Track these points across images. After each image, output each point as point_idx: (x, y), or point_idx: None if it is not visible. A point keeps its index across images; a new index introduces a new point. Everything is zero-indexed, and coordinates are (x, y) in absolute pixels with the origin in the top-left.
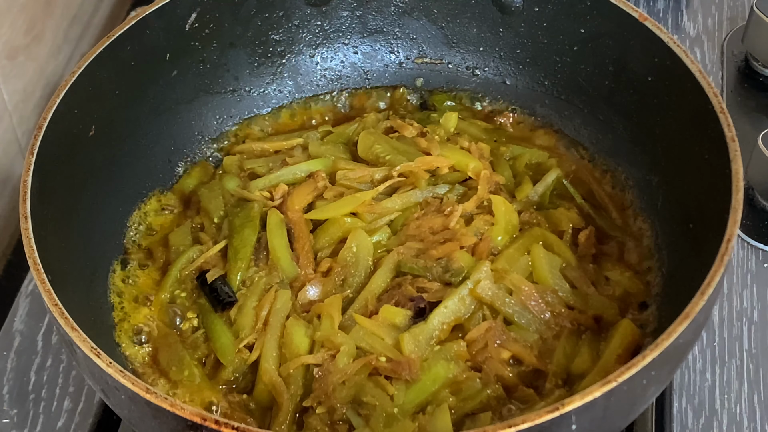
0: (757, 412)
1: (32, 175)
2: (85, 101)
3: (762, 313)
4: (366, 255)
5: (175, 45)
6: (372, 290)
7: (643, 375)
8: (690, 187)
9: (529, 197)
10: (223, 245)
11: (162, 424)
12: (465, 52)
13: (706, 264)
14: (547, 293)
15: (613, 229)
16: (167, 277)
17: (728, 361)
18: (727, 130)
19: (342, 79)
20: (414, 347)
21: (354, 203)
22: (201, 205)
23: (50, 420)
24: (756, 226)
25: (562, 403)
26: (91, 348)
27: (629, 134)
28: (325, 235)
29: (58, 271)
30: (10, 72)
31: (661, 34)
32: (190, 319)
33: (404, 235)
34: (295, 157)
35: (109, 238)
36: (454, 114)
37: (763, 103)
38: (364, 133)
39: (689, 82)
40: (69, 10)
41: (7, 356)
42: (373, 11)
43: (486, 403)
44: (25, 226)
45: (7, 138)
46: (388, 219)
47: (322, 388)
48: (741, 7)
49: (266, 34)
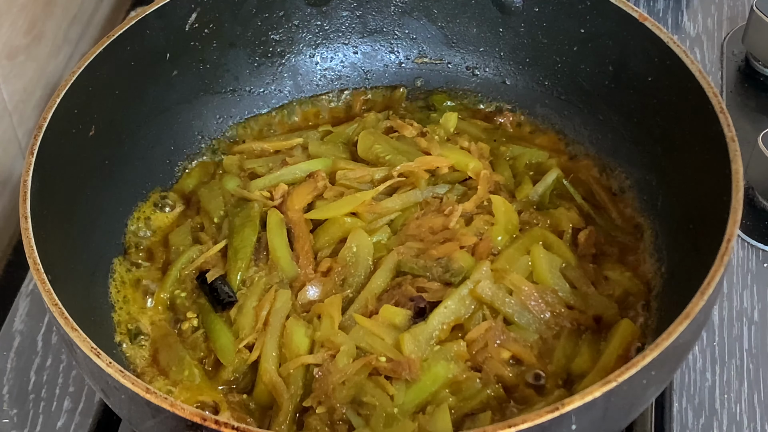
0: (757, 412)
1: (32, 175)
2: (85, 101)
3: (762, 313)
4: (366, 255)
5: (175, 45)
6: (372, 290)
7: (643, 375)
8: (690, 187)
9: (529, 197)
10: (223, 245)
11: (162, 424)
12: (465, 52)
13: (706, 264)
14: (547, 293)
15: (613, 229)
16: (167, 277)
17: (728, 361)
18: (727, 130)
19: (342, 79)
20: (414, 347)
21: (354, 203)
22: (201, 205)
23: (50, 420)
24: (756, 226)
25: (562, 403)
26: (91, 348)
27: (629, 134)
28: (325, 235)
29: (58, 271)
30: (10, 72)
31: (661, 34)
32: (190, 319)
33: (404, 235)
34: (295, 157)
35: (109, 238)
36: (454, 114)
37: (763, 103)
38: (364, 133)
39: (689, 82)
40: (69, 10)
41: (7, 356)
42: (373, 11)
43: (486, 403)
44: (25, 226)
45: (7, 138)
46: (388, 219)
47: (322, 388)
48: (741, 6)
49: (266, 34)
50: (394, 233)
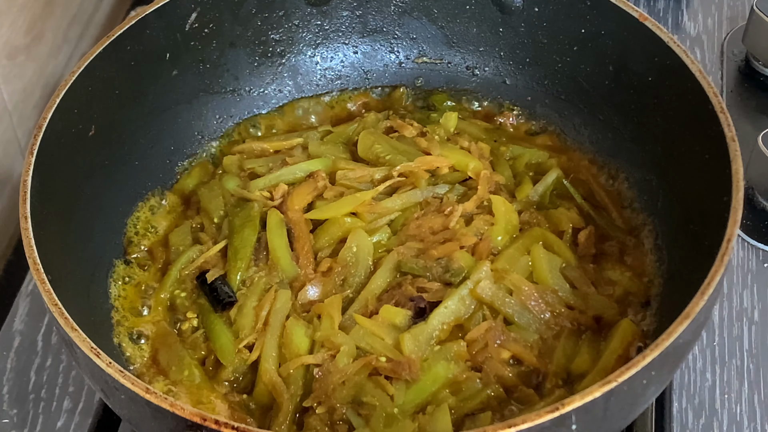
0: (758, 412)
1: (32, 175)
2: (85, 101)
3: (762, 313)
4: (366, 255)
5: (175, 45)
6: (372, 290)
7: (643, 375)
8: (690, 187)
9: (529, 197)
10: (223, 245)
11: (162, 424)
12: (465, 52)
13: (706, 264)
14: (547, 293)
15: (613, 229)
16: (167, 277)
17: (728, 361)
18: (727, 130)
19: (342, 79)
20: (414, 347)
21: (354, 203)
22: (201, 205)
23: (50, 420)
24: (756, 226)
25: (562, 403)
26: (91, 348)
27: (629, 134)
28: (325, 235)
29: (58, 271)
30: (10, 72)
31: (661, 33)
32: (190, 319)
33: (404, 235)
34: (295, 157)
35: (109, 238)
36: (454, 114)
37: (763, 103)
38: (364, 133)
39: (689, 82)
40: (69, 9)
41: (7, 356)
42: (373, 11)
43: (486, 403)
44: (25, 226)
45: (7, 138)
46: (388, 219)
47: (322, 388)
48: (741, 6)
49: (266, 34)
50: (394, 233)
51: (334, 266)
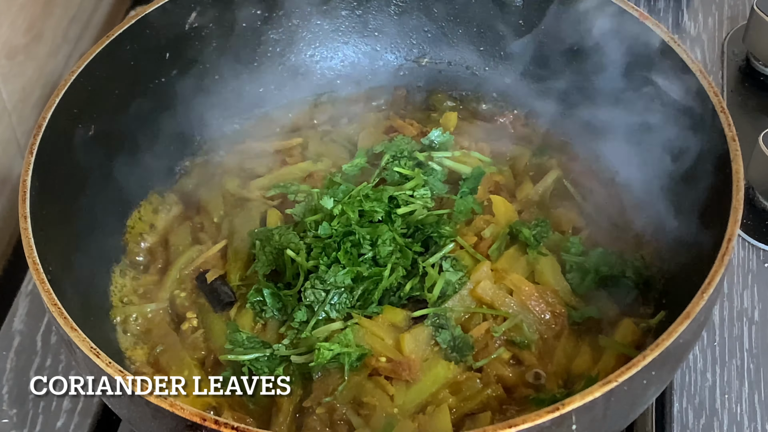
0: (758, 412)
1: (32, 175)
2: (84, 101)
3: (763, 313)
4: None
5: (175, 45)
6: None
7: (643, 375)
8: (690, 186)
9: (529, 197)
10: (223, 245)
11: (162, 424)
12: (465, 52)
13: (707, 264)
14: (547, 293)
15: (613, 229)
16: (167, 277)
17: (729, 361)
18: (727, 130)
19: (342, 79)
20: (414, 347)
21: None
22: (201, 205)
23: (50, 420)
24: (756, 226)
25: (562, 403)
26: (90, 348)
27: (630, 134)
28: None
29: (57, 271)
30: (9, 72)
31: (662, 33)
32: (190, 319)
33: None
34: (295, 157)
35: (109, 238)
36: (454, 114)
37: (763, 102)
38: (364, 133)
39: (689, 82)
40: (68, 9)
41: (7, 356)
42: (373, 11)
43: (486, 403)
44: (25, 226)
45: (7, 138)
46: None
47: (322, 388)
48: (741, 6)
49: (266, 33)
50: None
51: None
